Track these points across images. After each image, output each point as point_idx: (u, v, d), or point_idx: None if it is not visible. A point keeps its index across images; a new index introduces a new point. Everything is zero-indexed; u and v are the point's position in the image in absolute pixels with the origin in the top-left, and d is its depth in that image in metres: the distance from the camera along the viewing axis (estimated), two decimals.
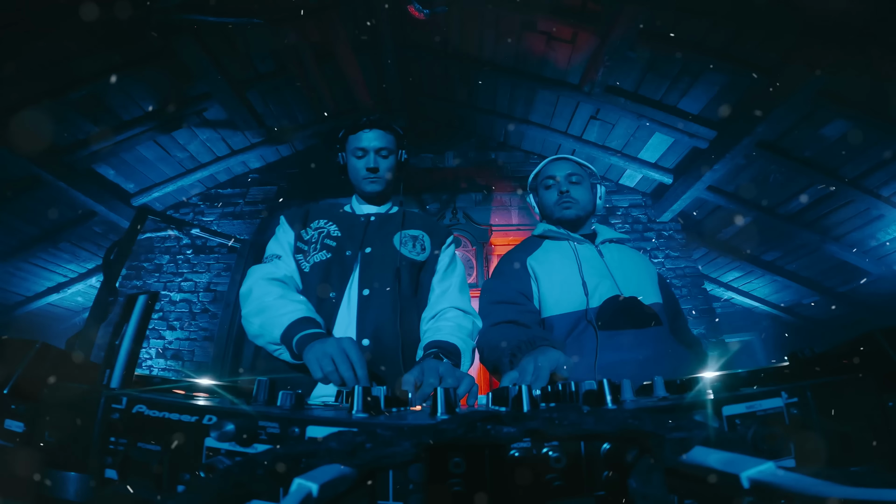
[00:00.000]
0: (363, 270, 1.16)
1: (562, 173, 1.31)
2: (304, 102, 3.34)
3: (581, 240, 1.27)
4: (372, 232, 1.24)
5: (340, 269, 1.15)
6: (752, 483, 0.23)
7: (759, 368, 0.59)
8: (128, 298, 0.53)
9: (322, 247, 1.18)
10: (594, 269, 1.18)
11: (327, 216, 1.27)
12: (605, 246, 1.27)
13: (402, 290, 1.16)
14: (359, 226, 1.25)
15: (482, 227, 3.28)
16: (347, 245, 1.19)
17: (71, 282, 3.83)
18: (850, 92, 2.32)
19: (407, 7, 2.29)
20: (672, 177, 3.29)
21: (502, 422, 0.34)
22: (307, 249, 1.19)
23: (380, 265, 1.17)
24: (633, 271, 1.21)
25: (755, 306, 4.50)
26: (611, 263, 1.21)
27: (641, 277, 1.20)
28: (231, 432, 0.38)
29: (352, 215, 1.30)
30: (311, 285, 1.13)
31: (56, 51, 2.23)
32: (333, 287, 1.11)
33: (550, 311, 1.16)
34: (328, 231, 1.22)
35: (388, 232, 1.24)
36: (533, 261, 1.24)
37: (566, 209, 1.27)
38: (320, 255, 1.16)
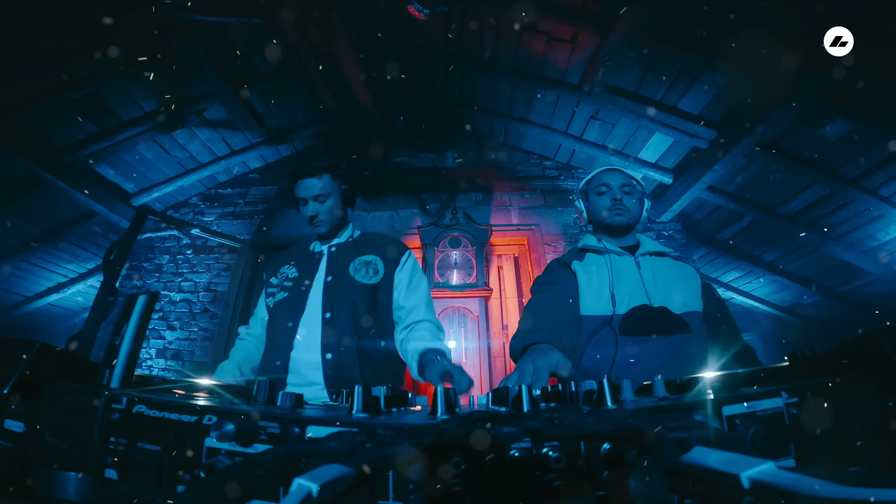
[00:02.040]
0: (325, 296, 1.37)
1: (616, 182, 1.38)
2: (305, 102, 3.34)
3: (621, 252, 1.34)
4: (332, 262, 1.46)
5: (294, 302, 1.38)
6: (752, 483, 0.23)
7: (759, 368, 0.59)
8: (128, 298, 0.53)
9: (282, 289, 1.44)
10: (628, 279, 1.26)
11: (291, 260, 1.51)
12: (644, 258, 1.33)
13: (358, 311, 1.36)
14: (313, 261, 1.47)
15: (482, 227, 3.28)
16: (302, 280, 1.42)
17: (71, 282, 3.83)
18: (850, 92, 2.32)
19: (407, 7, 2.29)
20: (672, 177, 3.29)
21: (502, 422, 0.34)
22: (274, 292, 1.45)
23: (339, 291, 1.38)
24: (667, 282, 1.27)
25: (755, 306, 4.49)
26: (646, 274, 1.28)
27: (676, 288, 1.26)
28: (231, 432, 0.38)
29: (309, 253, 1.52)
30: (274, 320, 1.41)
31: (56, 51, 2.23)
32: (290, 318, 1.35)
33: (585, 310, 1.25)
34: (287, 274, 1.46)
35: (346, 260, 1.45)
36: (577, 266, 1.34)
37: (618, 215, 1.34)
38: (280, 295, 1.43)
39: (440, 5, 2.21)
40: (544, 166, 3.75)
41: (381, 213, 3.54)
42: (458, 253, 3.21)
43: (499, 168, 3.74)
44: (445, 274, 3.15)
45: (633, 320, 1.17)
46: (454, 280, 3.13)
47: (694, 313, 1.23)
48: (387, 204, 3.59)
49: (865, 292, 3.65)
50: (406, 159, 3.80)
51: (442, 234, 3.25)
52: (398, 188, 3.61)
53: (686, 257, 3.40)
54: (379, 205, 3.58)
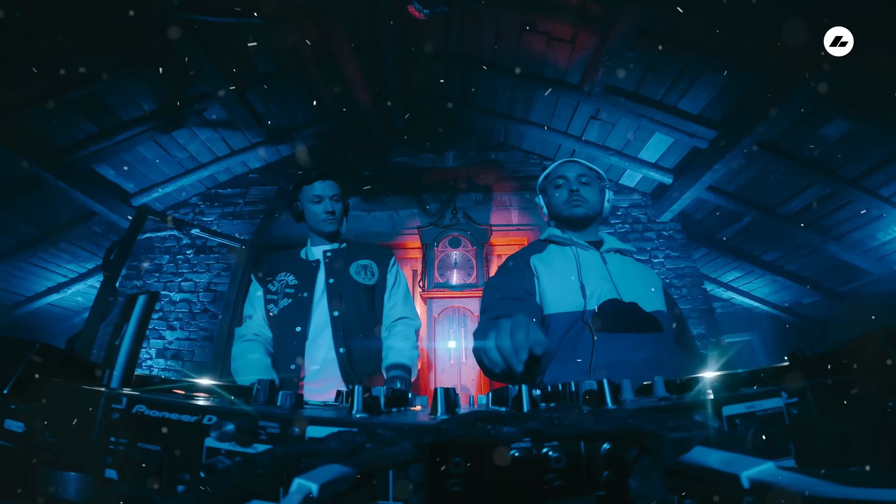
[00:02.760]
0: (330, 297, 1.50)
1: (572, 174, 1.33)
2: (304, 102, 3.34)
3: (585, 245, 1.28)
4: (329, 265, 1.58)
5: (300, 308, 1.49)
6: (752, 483, 0.23)
7: (759, 368, 0.59)
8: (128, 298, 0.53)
9: (284, 295, 1.53)
10: (596, 273, 1.19)
11: (286, 268, 1.60)
12: (609, 254, 1.28)
13: (362, 309, 1.52)
14: (311, 270, 1.57)
15: (482, 227, 3.28)
16: (303, 289, 1.53)
17: (71, 282, 3.83)
18: (850, 92, 2.32)
19: (407, 7, 2.29)
20: (672, 177, 3.29)
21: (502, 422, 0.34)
22: (276, 299, 1.54)
23: (342, 291, 1.51)
24: (635, 279, 1.22)
25: (755, 306, 4.49)
26: (613, 270, 1.22)
27: (644, 286, 1.20)
28: (231, 432, 0.38)
29: (304, 262, 1.62)
30: (281, 324, 1.50)
31: (56, 51, 2.23)
32: (298, 322, 1.46)
33: (549, 309, 1.16)
34: (287, 282, 1.56)
35: (346, 263, 1.58)
36: (536, 260, 1.25)
37: (576, 207, 1.29)
38: (284, 301, 1.52)
39: (440, 5, 2.21)
40: (544, 166, 3.75)
41: (381, 213, 3.55)
42: (458, 253, 3.21)
43: (499, 168, 3.74)
44: (445, 274, 3.15)
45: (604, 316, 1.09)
46: (454, 280, 3.13)
47: (662, 313, 1.17)
48: (387, 204, 3.59)
49: (865, 292, 3.65)
50: (406, 159, 3.80)
51: (442, 234, 3.25)
52: (398, 188, 3.61)
53: (686, 257, 3.41)
54: (379, 205, 3.58)
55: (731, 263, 4.00)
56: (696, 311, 3.22)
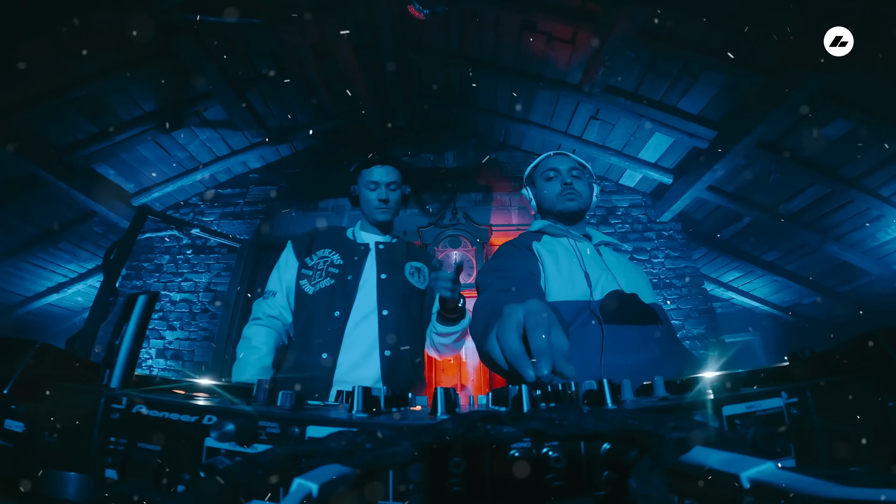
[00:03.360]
0: (381, 294, 1.36)
1: (564, 166, 1.31)
2: (304, 102, 3.34)
3: (579, 237, 1.26)
4: (383, 260, 1.43)
5: (343, 292, 1.33)
6: (752, 483, 0.23)
7: (759, 368, 0.59)
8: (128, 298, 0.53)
9: (326, 274, 1.37)
10: (595, 263, 1.16)
11: (330, 245, 1.45)
12: (602, 247, 1.27)
13: (412, 312, 1.39)
14: (359, 253, 1.43)
15: (482, 227, 3.28)
16: (349, 271, 1.38)
17: (71, 282, 3.83)
18: (850, 92, 2.32)
19: (407, 7, 2.29)
20: (672, 177, 3.29)
21: (502, 422, 0.34)
22: (311, 275, 1.37)
23: (393, 290, 1.37)
24: (630, 271, 1.20)
25: (755, 306, 4.50)
26: (609, 262, 1.20)
27: (638, 278, 1.20)
28: (231, 432, 0.38)
29: (353, 243, 1.47)
30: (317, 306, 1.33)
31: (56, 51, 2.23)
32: (338, 307, 1.31)
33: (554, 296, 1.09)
34: (332, 260, 1.40)
35: (398, 262, 1.45)
36: (538, 245, 1.20)
37: (570, 200, 1.26)
38: (325, 281, 1.36)
39: (440, 5, 2.22)
40: None
41: None
42: (458, 253, 3.21)
43: (499, 168, 3.74)
44: None
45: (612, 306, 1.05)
46: None
47: (658, 306, 1.13)
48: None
49: (865, 292, 3.65)
50: (406, 159, 3.80)
51: (442, 234, 3.25)
52: None
53: (686, 257, 3.41)
54: None
55: (731, 263, 4.00)
56: (696, 311, 3.22)
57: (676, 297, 3.26)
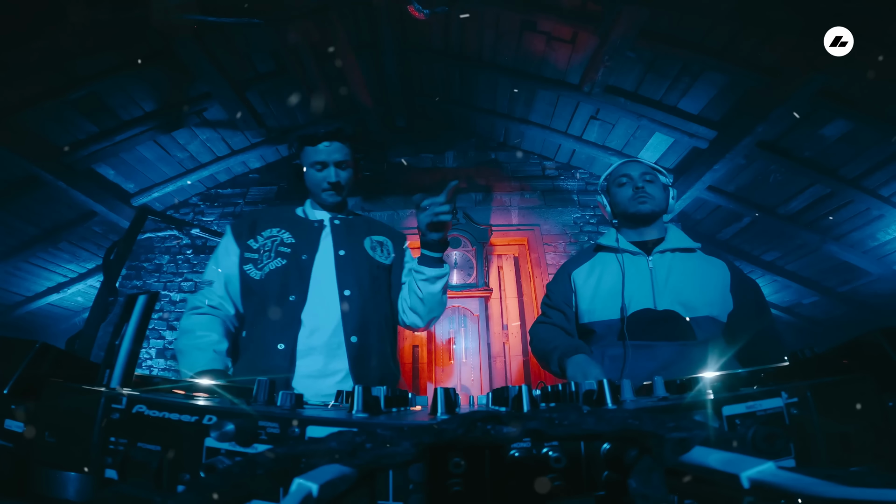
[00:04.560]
0: (341, 272, 1.21)
1: (636, 172, 1.34)
2: (305, 102, 3.33)
3: (635, 251, 1.28)
4: (340, 236, 1.29)
5: (297, 272, 1.19)
6: (752, 483, 0.23)
7: (759, 368, 0.59)
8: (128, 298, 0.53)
9: (276, 254, 1.22)
10: (639, 280, 1.21)
11: (279, 223, 1.29)
12: (660, 256, 1.26)
13: (380, 292, 1.26)
14: (313, 231, 1.29)
15: (482, 227, 3.28)
16: (303, 250, 1.23)
17: (71, 282, 3.83)
18: (850, 92, 2.32)
19: (407, 7, 2.29)
20: (672, 177, 3.29)
21: (502, 422, 0.34)
22: (258, 258, 1.21)
23: (355, 268, 1.23)
24: (681, 283, 1.20)
25: None
26: (658, 275, 1.22)
27: (691, 289, 1.18)
28: (231, 432, 0.38)
29: (305, 220, 1.32)
30: (267, 290, 1.17)
31: (56, 51, 2.23)
32: (294, 291, 1.17)
33: (588, 317, 1.26)
34: (281, 239, 1.25)
35: (357, 236, 1.31)
36: (576, 274, 1.34)
37: (642, 203, 1.29)
38: (275, 262, 1.20)
39: (440, 5, 2.21)
40: (544, 166, 3.75)
41: (380, 213, 3.54)
42: (459, 253, 3.21)
43: (499, 168, 3.74)
44: None
45: (638, 324, 1.14)
46: (454, 280, 3.13)
47: (707, 319, 1.15)
48: (387, 204, 3.59)
49: (865, 292, 3.65)
50: (406, 159, 3.81)
51: None
52: (398, 188, 3.61)
53: None
54: (379, 205, 3.58)
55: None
56: None
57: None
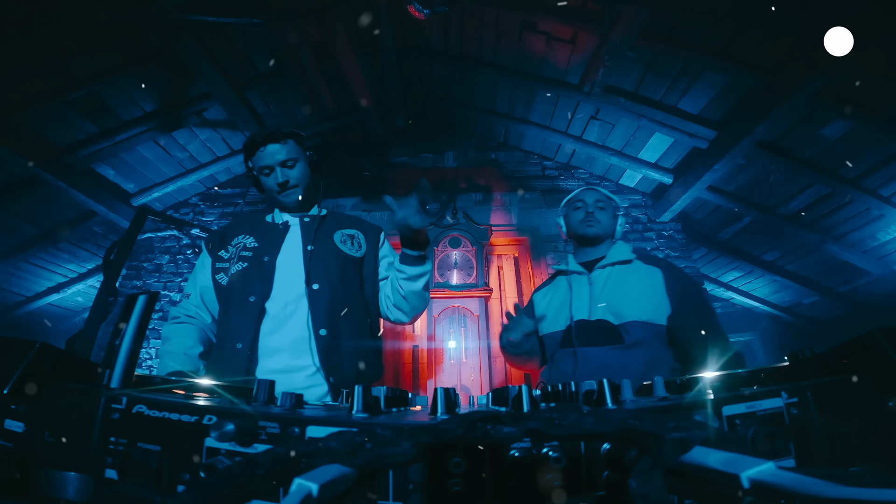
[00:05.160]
0: (309, 267, 1.24)
1: (590, 199, 1.54)
2: (304, 102, 3.34)
3: (581, 271, 1.48)
4: (308, 232, 1.32)
5: (259, 273, 1.22)
6: (752, 483, 0.23)
7: (759, 368, 0.59)
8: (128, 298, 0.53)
9: (239, 259, 1.26)
10: (580, 296, 1.41)
11: (245, 230, 1.34)
12: (599, 272, 1.44)
13: (349, 284, 1.27)
14: (277, 232, 1.32)
15: (482, 227, 3.28)
16: (265, 252, 1.26)
17: (71, 282, 3.83)
18: (850, 92, 2.32)
19: (407, 7, 2.29)
20: (672, 177, 3.29)
21: (502, 422, 0.34)
22: (227, 266, 1.26)
23: (323, 261, 1.25)
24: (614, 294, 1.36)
25: (755, 306, 4.49)
26: (595, 290, 1.40)
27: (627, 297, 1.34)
28: (231, 432, 0.38)
29: (270, 224, 1.36)
30: (232, 294, 1.22)
31: (56, 51, 2.23)
32: (253, 292, 1.19)
33: (543, 331, 1.47)
34: (244, 244, 1.29)
35: (327, 230, 1.34)
36: (537, 295, 1.58)
37: (589, 227, 1.49)
38: (237, 266, 1.24)
39: (440, 5, 2.22)
40: (544, 166, 3.75)
41: (380, 213, 3.55)
42: (458, 253, 3.21)
43: (499, 168, 3.74)
44: (445, 274, 3.15)
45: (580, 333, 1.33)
46: (454, 280, 3.13)
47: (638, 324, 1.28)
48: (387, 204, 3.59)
49: (865, 292, 3.65)
50: (406, 159, 3.80)
51: (442, 234, 3.25)
52: (398, 188, 3.61)
53: (686, 257, 3.41)
54: (378, 205, 3.57)
55: (731, 263, 4.00)
56: None
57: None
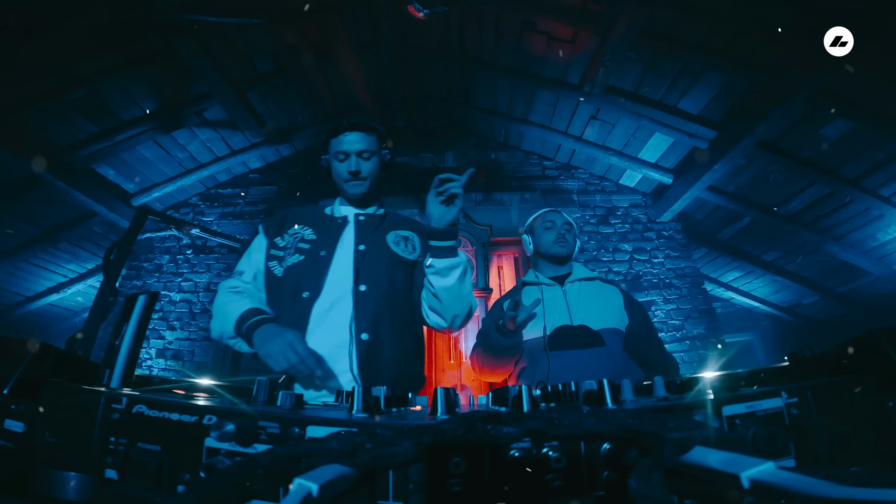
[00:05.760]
0: (358, 267, 1.19)
1: (559, 221, 1.72)
2: (304, 102, 3.34)
3: (551, 283, 1.62)
4: (362, 230, 1.28)
5: (314, 269, 1.18)
6: (752, 483, 0.23)
7: (759, 368, 0.59)
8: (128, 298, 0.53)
9: (296, 250, 1.22)
10: (555, 306, 1.53)
11: (304, 221, 1.31)
12: (571, 285, 1.61)
13: (398, 287, 1.21)
14: (335, 227, 1.28)
15: (482, 227, 3.28)
16: (322, 246, 1.22)
17: (71, 282, 3.83)
18: (850, 92, 2.32)
19: (407, 7, 2.29)
20: (672, 177, 3.29)
21: (502, 422, 0.34)
22: (282, 255, 1.23)
23: (374, 262, 1.21)
24: (588, 304, 1.54)
25: (755, 306, 4.49)
26: (570, 299, 1.55)
27: (596, 308, 1.53)
28: (231, 432, 0.38)
29: (329, 217, 1.33)
30: (285, 288, 1.18)
31: (56, 51, 2.23)
32: (307, 287, 1.15)
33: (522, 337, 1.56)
34: (302, 235, 1.26)
35: (381, 231, 1.29)
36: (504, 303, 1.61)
37: (562, 247, 1.66)
38: (294, 258, 1.21)
39: (440, 5, 2.21)
40: (544, 166, 3.75)
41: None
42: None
43: (499, 168, 3.74)
44: None
45: (558, 338, 1.46)
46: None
47: (611, 330, 1.47)
48: (387, 204, 3.58)
49: (865, 292, 3.65)
50: (406, 159, 3.80)
51: None
52: (398, 188, 3.61)
53: (686, 257, 3.41)
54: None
55: (731, 263, 4.00)
56: (696, 311, 3.22)
57: (676, 297, 3.26)
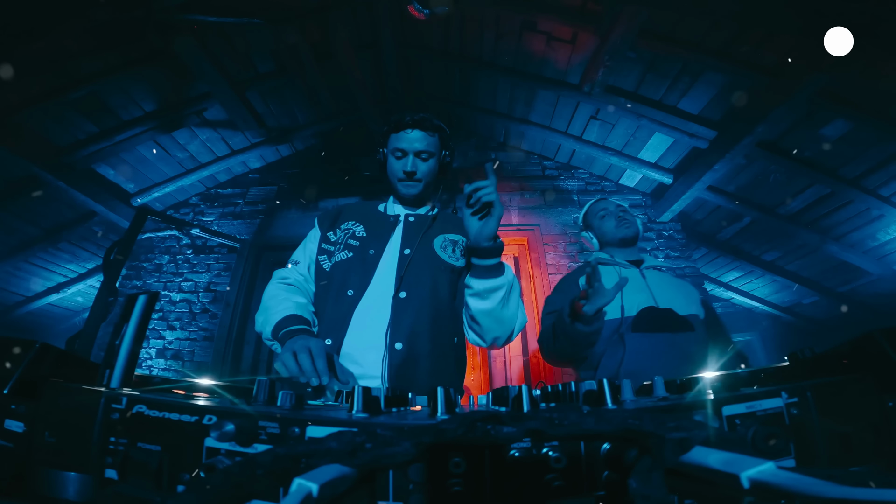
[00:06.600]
0: (401, 272, 1.13)
1: (611, 206, 1.63)
2: (304, 102, 3.34)
3: (626, 265, 1.51)
4: (409, 233, 1.21)
5: (362, 267, 1.14)
6: (752, 483, 0.23)
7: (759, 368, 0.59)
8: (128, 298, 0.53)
9: (345, 247, 1.19)
10: (636, 288, 1.42)
11: (356, 217, 1.27)
12: (648, 271, 1.52)
13: (440, 296, 1.13)
14: (387, 226, 1.23)
15: None
16: (371, 244, 1.18)
17: (71, 282, 3.83)
18: (850, 92, 2.32)
19: (407, 7, 2.29)
20: (672, 177, 3.29)
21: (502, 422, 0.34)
22: (332, 250, 1.20)
23: (418, 268, 1.14)
24: (670, 290, 1.45)
25: (755, 306, 4.49)
26: (651, 283, 1.45)
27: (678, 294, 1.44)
28: (231, 432, 0.38)
29: (382, 215, 1.28)
30: (331, 283, 1.14)
31: (56, 51, 2.23)
32: (352, 285, 1.11)
33: None
34: (353, 232, 1.22)
35: (429, 235, 1.21)
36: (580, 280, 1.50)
37: (628, 228, 1.57)
38: (342, 254, 1.17)
39: (440, 5, 2.21)
40: (544, 166, 3.75)
41: None
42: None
43: (499, 168, 3.74)
44: None
45: (643, 320, 1.34)
46: None
47: (695, 316, 1.39)
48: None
49: (865, 292, 3.65)
50: None
51: None
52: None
53: (686, 257, 3.41)
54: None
55: (731, 263, 4.00)
56: None
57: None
